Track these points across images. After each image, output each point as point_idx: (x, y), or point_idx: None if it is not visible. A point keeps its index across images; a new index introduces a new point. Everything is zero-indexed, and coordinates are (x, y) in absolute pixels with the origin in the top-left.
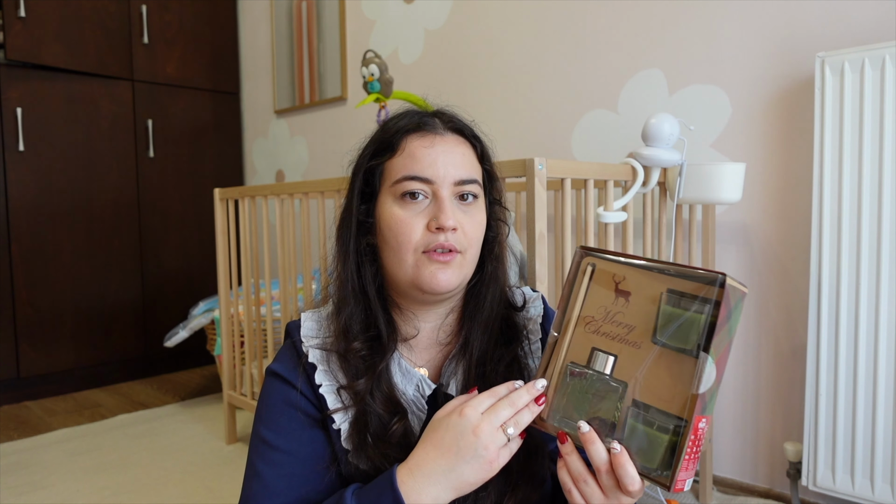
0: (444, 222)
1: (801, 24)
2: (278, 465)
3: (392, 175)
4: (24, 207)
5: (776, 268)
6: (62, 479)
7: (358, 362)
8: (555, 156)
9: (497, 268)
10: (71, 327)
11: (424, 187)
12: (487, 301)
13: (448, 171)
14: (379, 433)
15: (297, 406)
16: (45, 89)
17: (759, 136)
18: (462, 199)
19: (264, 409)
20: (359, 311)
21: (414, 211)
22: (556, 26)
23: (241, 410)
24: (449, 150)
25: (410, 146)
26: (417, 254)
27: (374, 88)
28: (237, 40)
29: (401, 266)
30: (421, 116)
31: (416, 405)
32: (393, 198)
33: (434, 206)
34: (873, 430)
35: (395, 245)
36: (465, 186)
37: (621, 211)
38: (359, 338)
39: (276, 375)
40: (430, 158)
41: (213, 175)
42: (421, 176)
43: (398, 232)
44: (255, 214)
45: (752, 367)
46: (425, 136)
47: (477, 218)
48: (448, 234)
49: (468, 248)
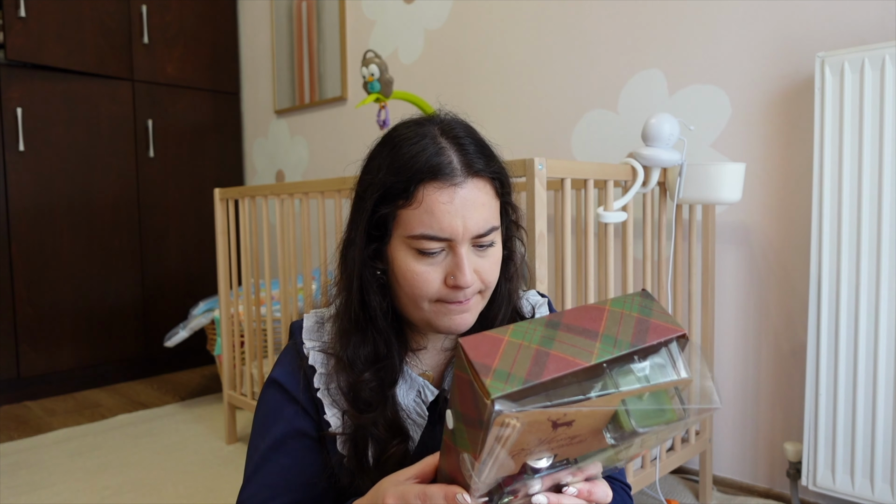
0: (462, 282)
1: (801, 24)
2: (269, 473)
3: (408, 228)
4: (24, 207)
5: (776, 268)
6: (62, 479)
7: (368, 394)
8: (555, 156)
9: (510, 288)
10: (71, 327)
11: (442, 245)
12: (499, 318)
13: (468, 227)
14: (377, 453)
15: (295, 420)
16: (45, 89)
17: (759, 136)
18: (480, 248)
19: (261, 418)
20: (366, 341)
21: (429, 265)
22: (555, 26)
23: (241, 410)
24: (470, 202)
25: (428, 200)
26: (433, 303)
27: (374, 88)
28: (237, 40)
29: (416, 311)
30: (440, 153)
31: (416, 412)
32: (407, 248)
33: (451, 261)
34: (873, 430)
35: (409, 293)
36: (485, 238)
37: (621, 211)
38: (368, 369)
39: (276, 384)
40: (450, 216)
41: (213, 175)
42: (440, 236)
43: (414, 284)
44: (255, 214)
45: (752, 367)
46: (443, 188)
47: (494, 257)
48: (466, 290)
49: (486, 289)
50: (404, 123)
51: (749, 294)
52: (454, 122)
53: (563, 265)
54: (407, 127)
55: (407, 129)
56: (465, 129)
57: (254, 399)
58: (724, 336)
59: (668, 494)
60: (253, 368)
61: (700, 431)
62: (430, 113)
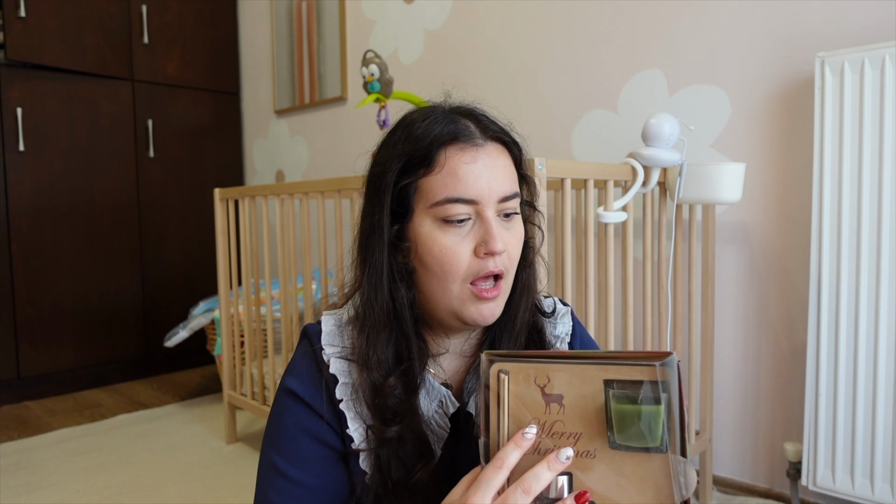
0: (495, 247)
1: (801, 24)
2: (292, 497)
3: (431, 195)
4: (24, 207)
5: (776, 268)
6: (62, 479)
7: (393, 401)
8: (555, 156)
9: (530, 276)
10: (71, 327)
11: (469, 209)
12: (520, 311)
13: (493, 188)
14: (402, 475)
15: (316, 433)
16: (45, 89)
17: (759, 136)
18: (505, 217)
19: (277, 432)
20: (391, 341)
21: (459, 235)
22: (556, 26)
23: (241, 410)
24: (492, 163)
25: (451, 162)
26: (465, 284)
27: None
28: (237, 40)
29: (445, 295)
30: (455, 121)
31: (438, 423)
32: (433, 220)
33: (480, 229)
34: (873, 430)
35: (439, 273)
36: (509, 203)
37: (621, 211)
38: (394, 372)
39: (293, 394)
40: (474, 176)
41: (213, 175)
42: (465, 198)
43: (444, 261)
44: (255, 214)
45: (752, 367)
46: (465, 148)
47: (518, 233)
48: (497, 258)
49: (510, 269)
50: (412, 111)
51: (749, 294)
52: (462, 104)
53: (563, 265)
54: (416, 111)
55: (418, 113)
56: (476, 107)
57: (254, 399)
58: (724, 336)
59: None
60: (253, 368)
61: (700, 431)
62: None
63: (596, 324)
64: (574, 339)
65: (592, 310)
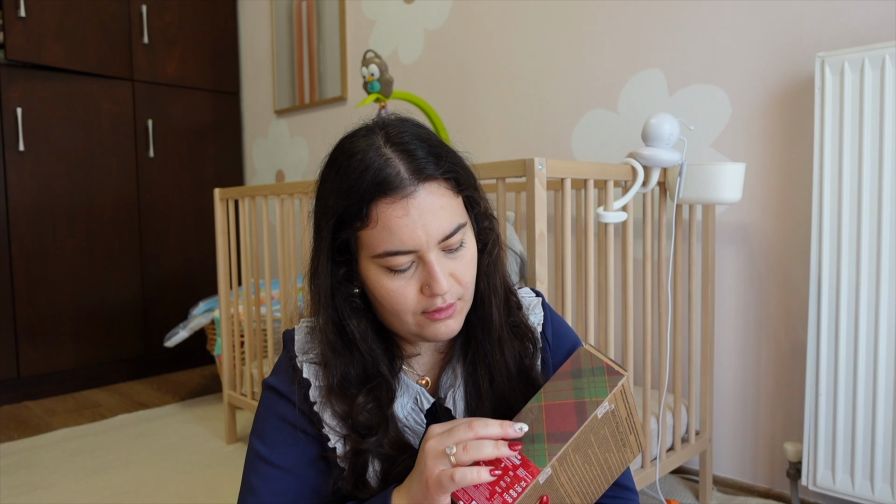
0: (437, 290)
1: (801, 24)
2: (272, 480)
3: (371, 248)
4: (24, 207)
5: (776, 268)
6: (62, 479)
7: (365, 417)
8: (555, 156)
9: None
10: (71, 327)
11: (409, 258)
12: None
13: (430, 234)
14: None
15: (293, 422)
16: (45, 89)
17: (759, 136)
18: (451, 251)
19: (259, 423)
20: (353, 362)
21: (404, 279)
22: (556, 26)
23: (241, 410)
24: (427, 209)
25: (383, 217)
26: (417, 315)
27: (374, 88)
28: (237, 40)
29: (402, 325)
30: (386, 165)
31: (414, 419)
32: (378, 268)
33: (423, 272)
34: (873, 430)
35: (391, 310)
36: (452, 239)
37: (621, 211)
38: (360, 390)
39: (272, 389)
40: (409, 228)
41: (213, 175)
42: (403, 250)
43: (392, 301)
44: (255, 214)
45: (752, 367)
46: (395, 201)
47: (468, 257)
48: (446, 294)
49: (465, 292)
50: (348, 137)
51: (749, 294)
52: (399, 125)
53: (563, 265)
54: (351, 141)
55: (351, 144)
56: (412, 132)
57: (254, 399)
58: (724, 336)
59: (668, 494)
60: (253, 368)
61: (700, 431)
62: (374, 120)
63: (596, 324)
64: (546, 327)
65: (592, 310)
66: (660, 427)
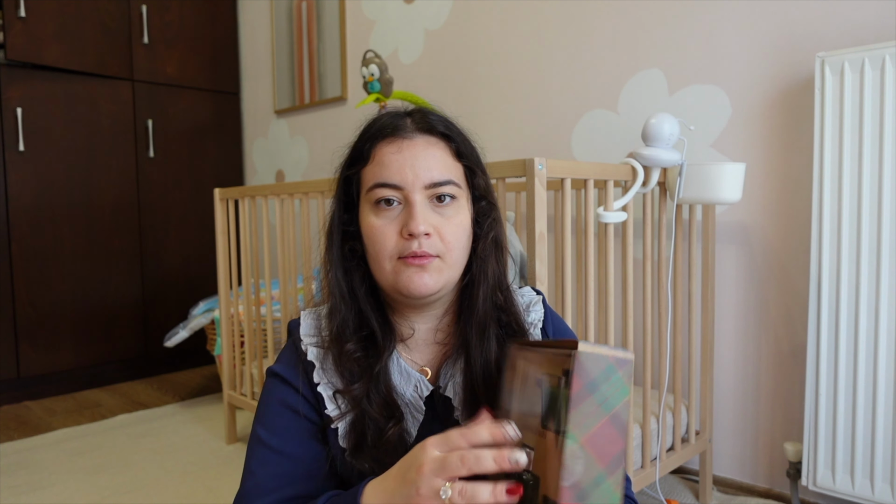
0: (414, 229)
1: (801, 24)
2: (270, 463)
3: (365, 183)
4: (24, 207)
5: (776, 268)
6: (62, 479)
7: (353, 365)
8: (555, 156)
9: (484, 267)
10: (71, 327)
11: (396, 194)
12: (479, 301)
13: (418, 175)
14: (375, 437)
15: (295, 407)
16: (45, 89)
17: (759, 136)
18: (439, 201)
19: (262, 409)
20: (350, 314)
21: (387, 218)
22: (556, 26)
23: (241, 410)
24: (418, 153)
25: (379, 154)
26: (394, 260)
27: (374, 88)
28: (237, 40)
29: (381, 273)
30: (393, 119)
31: (414, 406)
32: (369, 206)
33: (405, 213)
34: (873, 430)
35: (372, 253)
36: (440, 188)
37: (621, 211)
38: (352, 339)
39: (276, 376)
40: (399, 164)
41: (213, 175)
42: (390, 182)
43: (373, 240)
44: (255, 214)
45: (752, 367)
46: (394, 141)
47: (455, 219)
48: (421, 239)
49: (447, 252)
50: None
51: (749, 294)
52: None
53: (563, 265)
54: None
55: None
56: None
57: (254, 399)
58: (724, 336)
59: (668, 494)
60: (253, 368)
61: (700, 431)
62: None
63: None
64: (546, 324)
65: (592, 310)
66: (660, 427)
